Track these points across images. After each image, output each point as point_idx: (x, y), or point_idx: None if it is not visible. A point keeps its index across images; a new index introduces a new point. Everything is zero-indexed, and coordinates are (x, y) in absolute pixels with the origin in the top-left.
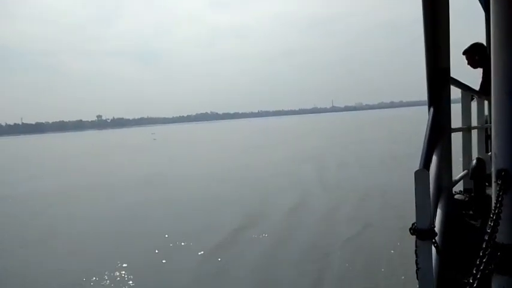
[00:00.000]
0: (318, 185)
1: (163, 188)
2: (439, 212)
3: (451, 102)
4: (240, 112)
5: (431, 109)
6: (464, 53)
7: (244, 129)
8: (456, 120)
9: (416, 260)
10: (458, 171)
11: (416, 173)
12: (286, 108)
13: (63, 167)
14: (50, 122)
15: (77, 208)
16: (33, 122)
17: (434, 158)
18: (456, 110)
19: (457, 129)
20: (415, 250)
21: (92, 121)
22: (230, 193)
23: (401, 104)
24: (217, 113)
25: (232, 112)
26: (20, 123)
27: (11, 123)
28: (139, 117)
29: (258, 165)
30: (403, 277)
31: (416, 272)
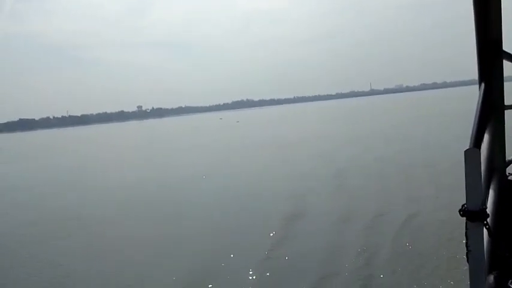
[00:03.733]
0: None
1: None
2: (491, 193)
3: (504, 80)
4: (276, 98)
5: (482, 85)
6: None
7: (299, 112)
8: (510, 97)
9: (466, 243)
10: None
11: (466, 152)
12: (322, 93)
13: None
14: (94, 113)
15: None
16: (79, 114)
17: (486, 137)
18: (510, 87)
19: (511, 106)
20: (465, 232)
21: (132, 111)
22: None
23: (445, 85)
24: (253, 100)
25: (268, 99)
26: (67, 115)
27: (59, 116)
28: (177, 106)
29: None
30: None
31: (467, 255)
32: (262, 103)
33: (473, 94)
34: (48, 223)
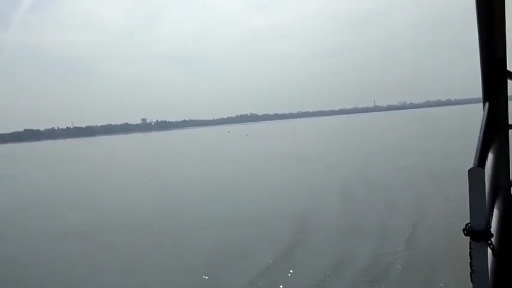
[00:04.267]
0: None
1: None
2: (495, 212)
3: (509, 99)
4: (280, 113)
5: (487, 104)
6: None
7: (306, 126)
8: None
9: (470, 262)
10: None
11: (470, 171)
12: (326, 109)
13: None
14: (99, 125)
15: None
16: (84, 126)
17: (490, 156)
18: None
19: None
20: (470, 252)
21: (137, 124)
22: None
23: (450, 102)
24: (257, 115)
25: (272, 113)
26: (72, 126)
27: (64, 127)
28: (181, 119)
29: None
30: None
31: (471, 275)
32: (266, 117)
33: (477, 112)
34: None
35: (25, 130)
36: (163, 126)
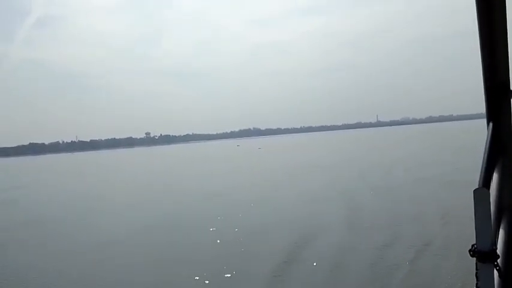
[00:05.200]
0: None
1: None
2: (501, 233)
3: None
4: (283, 128)
5: (491, 124)
6: None
7: (313, 140)
8: None
9: (476, 284)
10: None
11: (475, 191)
12: (329, 124)
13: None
14: (103, 139)
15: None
16: (88, 140)
17: (495, 176)
18: None
19: None
20: (476, 273)
21: (140, 138)
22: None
23: (452, 118)
24: (259, 129)
25: (274, 128)
26: (76, 140)
27: (68, 140)
28: (185, 133)
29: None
30: None
31: None
32: (269, 132)
33: (480, 128)
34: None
35: (30, 144)
36: (167, 140)
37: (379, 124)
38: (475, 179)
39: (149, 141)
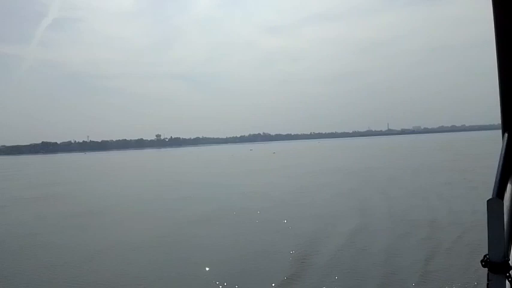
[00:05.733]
0: None
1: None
2: None
3: None
4: (293, 134)
5: (505, 135)
6: None
7: (325, 147)
8: None
9: None
10: None
11: (489, 201)
12: (339, 131)
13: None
14: (114, 140)
15: None
16: (99, 140)
17: (509, 187)
18: None
19: None
20: (487, 284)
21: (151, 140)
22: None
23: (464, 128)
24: (269, 134)
25: (284, 133)
26: (88, 140)
27: (80, 140)
28: (194, 137)
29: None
30: None
31: None
32: (278, 138)
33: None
34: None
35: (43, 142)
36: (176, 143)
37: (389, 132)
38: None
39: (159, 143)
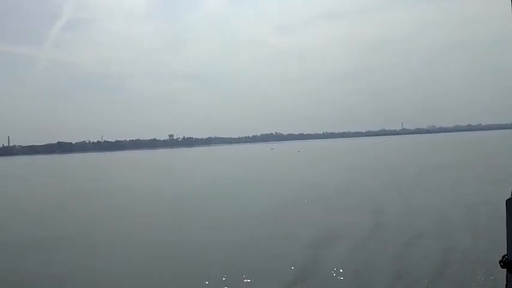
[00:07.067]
0: None
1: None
2: None
3: None
4: (305, 133)
5: None
6: None
7: (343, 146)
8: None
9: None
10: None
11: (508, 201)
12: (352, 130)
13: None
14: (128, 140)
15: None
16: (113, 140)
17: None
18: None
19: None
20: (506, 284)
21: (164, 140)
22: None
23: (480, 127)
24: (282, 134)
25: (297, 133)
26: (102, 140)
27: (94, 140)
28: (206, 137)
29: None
30: None
31: None
32: (291, 137)
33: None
34: None
35: (58, 142)
36: (189, 142)
37: (404, 132)
38: None
39: (172, 143)
